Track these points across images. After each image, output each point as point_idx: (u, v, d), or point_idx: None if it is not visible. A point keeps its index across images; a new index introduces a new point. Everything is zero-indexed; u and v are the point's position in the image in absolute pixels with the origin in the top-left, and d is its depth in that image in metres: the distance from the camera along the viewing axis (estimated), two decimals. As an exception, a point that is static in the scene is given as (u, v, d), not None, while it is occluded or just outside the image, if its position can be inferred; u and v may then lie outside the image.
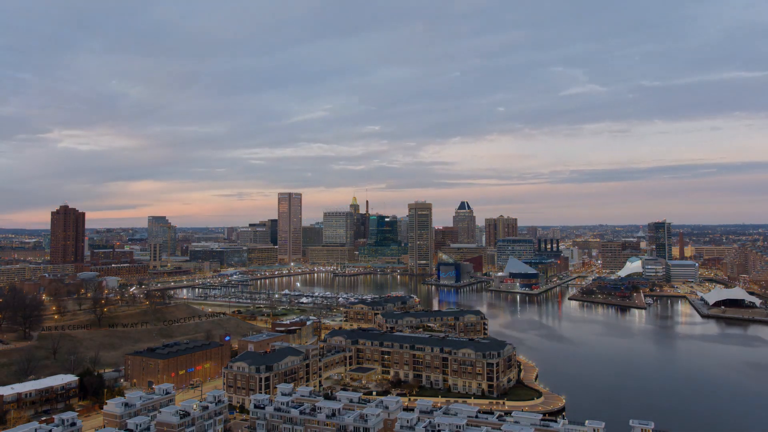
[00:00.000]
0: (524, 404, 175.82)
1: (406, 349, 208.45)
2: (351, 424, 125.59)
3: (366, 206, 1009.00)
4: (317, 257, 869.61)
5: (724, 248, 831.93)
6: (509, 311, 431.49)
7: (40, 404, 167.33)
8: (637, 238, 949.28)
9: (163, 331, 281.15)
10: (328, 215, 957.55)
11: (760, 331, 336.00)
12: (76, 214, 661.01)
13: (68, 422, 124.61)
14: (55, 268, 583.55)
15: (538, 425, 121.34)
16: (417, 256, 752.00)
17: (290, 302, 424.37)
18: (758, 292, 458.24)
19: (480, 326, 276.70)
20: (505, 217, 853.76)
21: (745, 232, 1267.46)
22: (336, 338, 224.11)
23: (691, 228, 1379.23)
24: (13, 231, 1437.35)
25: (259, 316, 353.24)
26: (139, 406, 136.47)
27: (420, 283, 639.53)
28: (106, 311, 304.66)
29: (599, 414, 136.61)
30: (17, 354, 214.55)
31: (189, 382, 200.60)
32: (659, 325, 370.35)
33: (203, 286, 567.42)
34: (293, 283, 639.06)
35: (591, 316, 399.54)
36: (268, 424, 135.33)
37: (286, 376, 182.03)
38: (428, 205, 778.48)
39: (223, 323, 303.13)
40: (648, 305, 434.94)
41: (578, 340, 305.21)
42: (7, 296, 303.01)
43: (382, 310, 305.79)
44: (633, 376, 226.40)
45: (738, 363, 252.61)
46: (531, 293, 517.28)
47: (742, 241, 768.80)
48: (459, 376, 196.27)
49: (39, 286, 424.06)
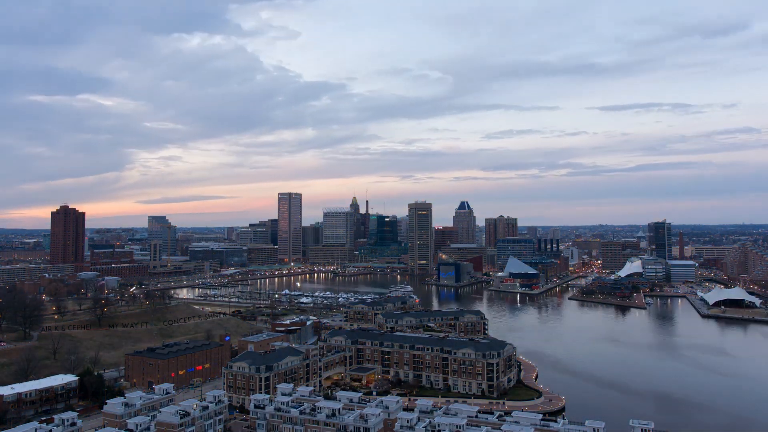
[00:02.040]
0: (524, 404, 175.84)
1: (406, 349, 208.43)
2: (351, 424, 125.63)
3: (366, 206, 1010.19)
4: (317, 257, 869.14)
5: (724, 248, 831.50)
6: (509, 311, 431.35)
7: (40, 404, 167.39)
8: (637, 238, 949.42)
9: (163, 331, 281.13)
10: (328, 215, 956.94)
11: (760, 331, 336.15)
12: (76, 214, 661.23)
13: (68, 422, 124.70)
14: (55, 268, 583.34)
15: (538, 425, 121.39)
16: (417, 256, 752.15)
17: (290, 302, 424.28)
18: (758, 292, 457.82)
19: (480, 326, 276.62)
20: (505, 217, 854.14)
21: (745, 232, 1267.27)
22: (336, 338, 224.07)
23: (691, 228, 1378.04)
24: (13, 231, 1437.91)
25: (259, 316, 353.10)
26: (139, 406, 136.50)
27: (420, 283, 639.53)
28: (106, 311, 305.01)
29: (599, 414, 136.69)
30: (17, 354, 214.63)
31: (189, 382, 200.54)
32: (659, 325, 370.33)
33: (203, 286, 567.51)
34: (293, 283, 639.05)
35: (591, 316, 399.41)
36: (268, 424, 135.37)
37: (286, 376, 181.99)
38: (428, 205, 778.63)
39: (223, 323, 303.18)
40: (648, 305, 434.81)
41: (578, 340, 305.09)
42: (7, 296, 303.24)
43: (382, 310, 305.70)
44: (633, 376, 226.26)
45: (737, 363, 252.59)
46: (531, 293, 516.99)
47: (742, 241, 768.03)
48: (459, 376, 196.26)
49: (39, 286, 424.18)
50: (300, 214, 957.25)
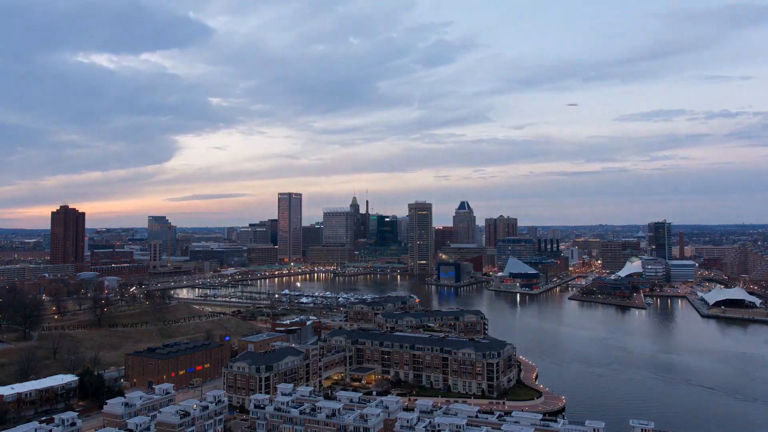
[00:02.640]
0: (524, 404, 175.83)
1: (406, 349, 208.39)
2: (351, 424, 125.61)
3: (366, 206, 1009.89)
4: (317, 257, 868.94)
5: (724, 248, 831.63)
6: (509, 311, 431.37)
7: (40, 404, 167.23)
8: (637, 238, 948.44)
9: (163, 331, 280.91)
10: (328, 215, 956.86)
11: (760, 331, 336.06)
12: (76, 214, 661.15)
13: (68, 422, 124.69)
14: (55, 268, 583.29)
15: (538, 425, 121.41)
16: (417, 256, 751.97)
17: (290, 302, 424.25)
18: (758, 292, 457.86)
19: (480, 326, 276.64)
20: (505, 217, 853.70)
21: (745, 232, 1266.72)
22: (336, 338, 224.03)
23: (691, 228, 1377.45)
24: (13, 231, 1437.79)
25: (259, 316, 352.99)
26: (139, 406, 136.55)
27: (420, 283, 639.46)
28: (106, 311, 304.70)
29: (599, 414, 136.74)
30: (17, 354, 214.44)
31: (189, 382, 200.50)
32: (659, 325, 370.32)
33: (203, 286, 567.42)
34: (293, 283, 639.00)
35: (591, 316, 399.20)
36: (268, 424, 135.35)
37: (286, 376, 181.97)
38: (428, 205, 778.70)
39: (223, 323, 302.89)
40: (648, 305, 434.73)
41: (578, 340, 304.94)
42: (7, 296, 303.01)
43: (382, 310, 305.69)
44: (633, 376, 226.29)
45: (738, 363, 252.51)
46: (531, 293, 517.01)
47: (742, 241, 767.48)
48: (459, 376, 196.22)
49: (39, 286, 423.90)
50: (300, 214, 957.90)
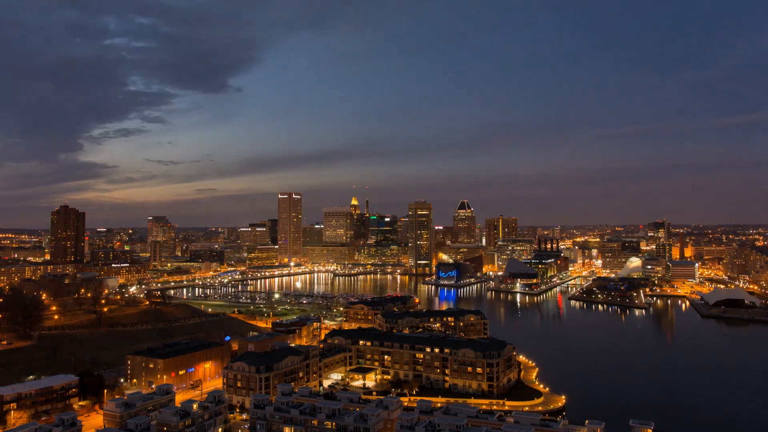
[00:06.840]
0: (524, 404, 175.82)
1: (406, 349, 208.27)
2: (351, 424, 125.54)
3: (366, 206, 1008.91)
4: (317, 257, 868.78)
5: (724, 248, 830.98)
6: (509, 311, 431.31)
7: (40, 404, 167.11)
8: (637, 238, 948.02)
9: (163, 331, 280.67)
10: (328, 215, 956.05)
11: (760, 331, 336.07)
12: (76, 214, 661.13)
13: (68, 422, 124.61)
14: (55, 268, 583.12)
15: (538, 425, 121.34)
16: (417, 256, 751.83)
17: (290, 302, 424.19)
18: (758, 292, 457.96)
19: (480, 326, 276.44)
20: (505, 217, 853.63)
21: (745, 232, 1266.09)
22: (336, 338, 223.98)
23: (691, 228, 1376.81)
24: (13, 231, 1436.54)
25: (259, 316, 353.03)
26: (139, 406, 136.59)
27: (420, 283, 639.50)
28: (106, 311, 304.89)
29: (599, 414, 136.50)
30: (17, 354, 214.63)
31: (189, 382, 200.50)
32: (659, 325, 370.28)
33: (203, 285, 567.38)
34: (293, 283, 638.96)
35: (591, 316, 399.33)
36: (268, 424, 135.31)
37: (286, 376, 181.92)
38: (428, 205, 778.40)
39: (223, 323, 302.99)
40: (648, 305, 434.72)
41: (578, 340, 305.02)
42: (7, 296, 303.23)
43: (382, 310, 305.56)
44: (633, 376, 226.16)
45: (738, 363, 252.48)
46: (531, 293, 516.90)
47: (742, 241, 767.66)
48: (459, 376, 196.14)
49: (39, 286, 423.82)
50: (300, 214, 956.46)
